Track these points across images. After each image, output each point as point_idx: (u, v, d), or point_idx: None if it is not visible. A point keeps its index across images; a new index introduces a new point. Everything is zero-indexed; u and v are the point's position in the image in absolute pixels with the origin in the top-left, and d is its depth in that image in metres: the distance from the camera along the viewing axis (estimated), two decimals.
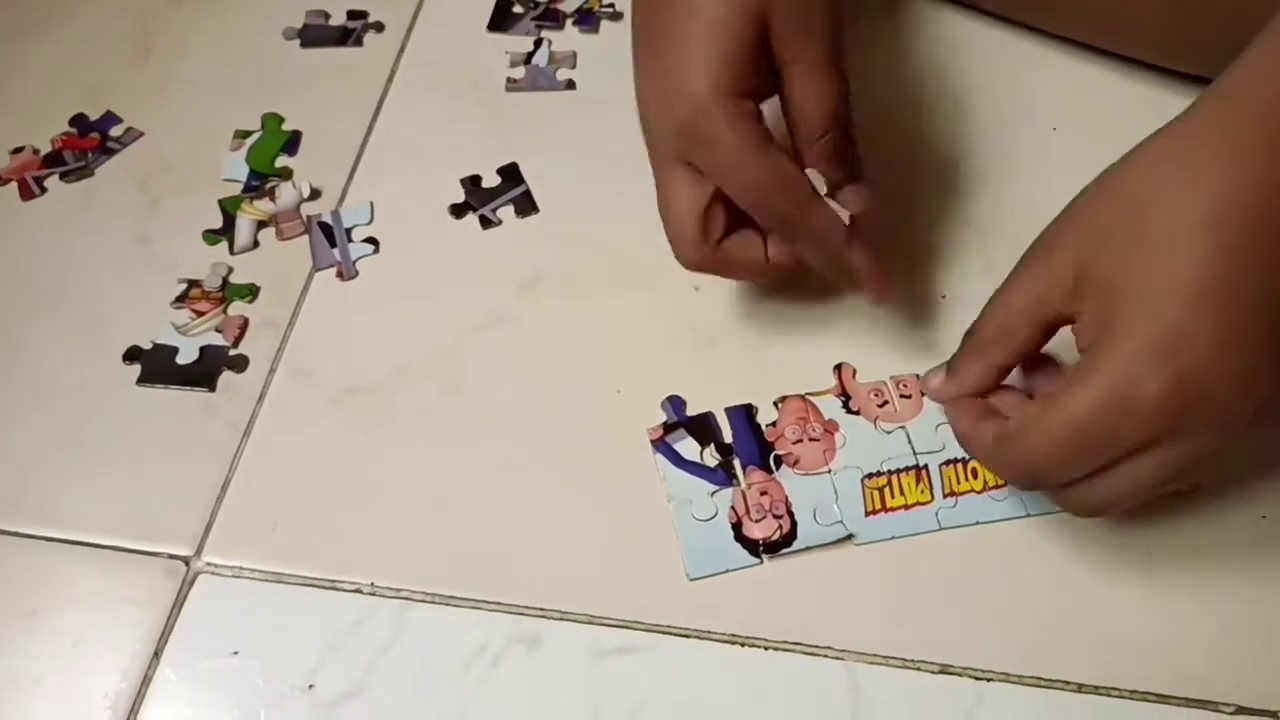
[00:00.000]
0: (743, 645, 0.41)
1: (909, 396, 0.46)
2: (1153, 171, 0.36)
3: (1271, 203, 0.34)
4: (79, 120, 0.58)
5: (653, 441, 0.45)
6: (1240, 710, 0.39)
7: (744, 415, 0.46)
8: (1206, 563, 0.42)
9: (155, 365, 0.49)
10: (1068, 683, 0.40)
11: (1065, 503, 0.38)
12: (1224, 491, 0.43)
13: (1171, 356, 0.33)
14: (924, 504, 0.43)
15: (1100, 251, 0.35)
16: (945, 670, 0.40)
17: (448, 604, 0.43)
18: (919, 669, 0.40)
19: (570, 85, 0.57)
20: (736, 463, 0.44)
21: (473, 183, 0.54)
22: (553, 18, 0.60)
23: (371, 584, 0.43)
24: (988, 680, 0.40)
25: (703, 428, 0.45)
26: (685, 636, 0.41)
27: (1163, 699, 0.39)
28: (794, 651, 0.41)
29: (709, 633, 0.41)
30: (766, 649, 0.41)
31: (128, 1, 0.62)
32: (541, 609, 0.42)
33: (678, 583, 0.42)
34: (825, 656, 0.41)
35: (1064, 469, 0.36)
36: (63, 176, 0.55)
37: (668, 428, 0.45)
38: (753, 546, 0.43)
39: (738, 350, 0.48)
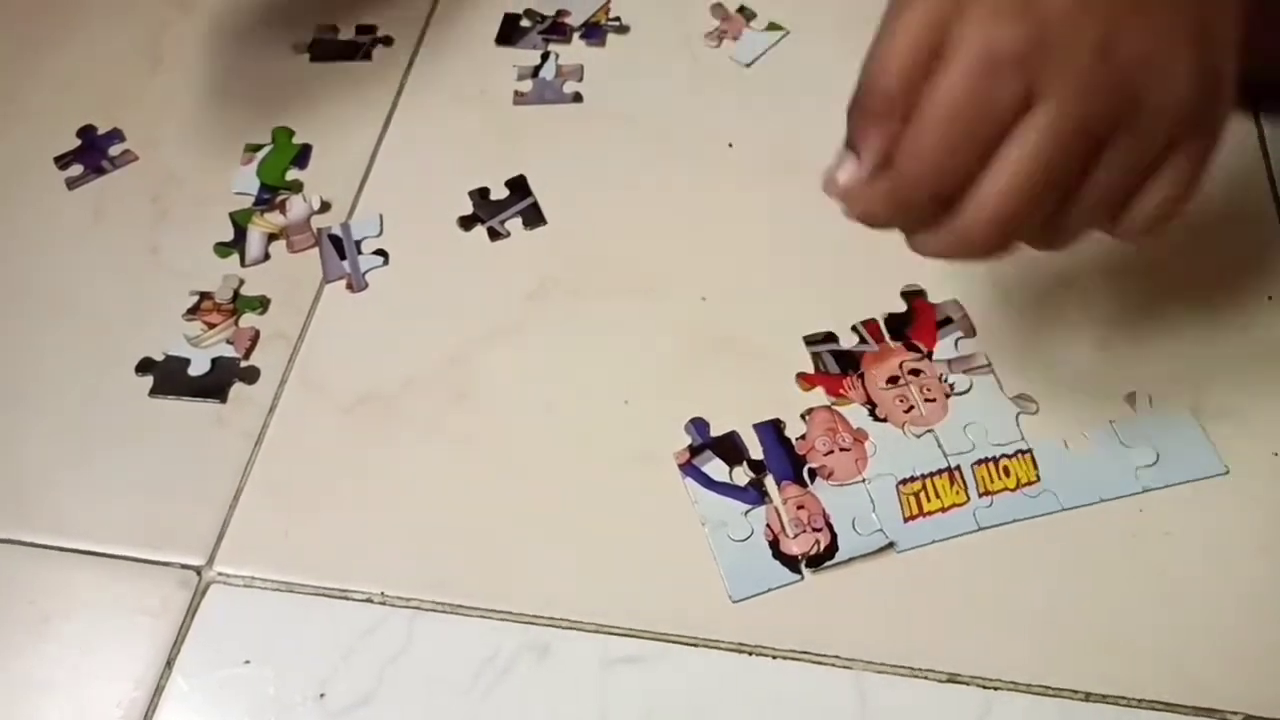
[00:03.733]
0: (750, 654, 0.41)
1: (933, 400, 0.46)
2: None
3: None
4: (87, 132, 0.58)
5: (680, 466, 0.45)
6: (1249, 719, 0.39)
7: (772, 430, 0.45)
8: (1213, 572, 0.42)
9: (167, 377, 0.49)
10: (1075, 691, 0.40)
11: (985, 220, 0.33)
12: (1228, 499, 0.43)
13: (1025, 11, 0.31)
14: (960, 505, 0.43)
15: None
16: (953, 679, 0.40)
17: (457, 613, 0.43)
18: (927, 678, 0.40)
19: (577, 98, 0.57)
20: (769, 479, 0.44)
21: (481, 195, 0.54)
22: (560, 31, 0.60)
23: (382, 593, 0.43)
24: (995, 689, 0.40)
25: (729, 447, 0.45)
26: (693, 645, 0.41)
27: (1170, 708, 0.39)
28: (801, 660, 0.41)
29: (717, 641, 0.41)
30: (774, 658, 0.41)
31: (140, 15, 0.63)
32: (550, 618, 0.42)
33: (685, 592, 0.42)
34: (833, 665, 0.41)
35: (955, 153, 0.32)
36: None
37: (694, 450, 0.45)
38: (792, 563, 0.42)
39: (744, 359, 0.48)
